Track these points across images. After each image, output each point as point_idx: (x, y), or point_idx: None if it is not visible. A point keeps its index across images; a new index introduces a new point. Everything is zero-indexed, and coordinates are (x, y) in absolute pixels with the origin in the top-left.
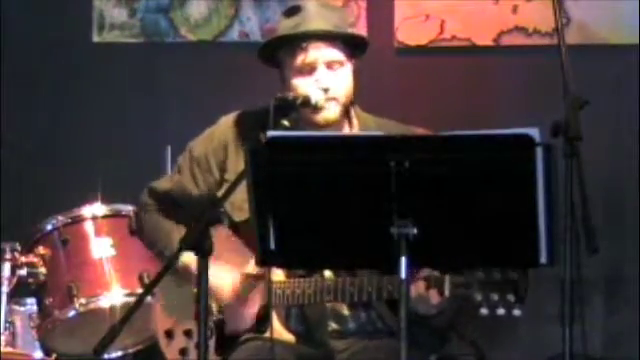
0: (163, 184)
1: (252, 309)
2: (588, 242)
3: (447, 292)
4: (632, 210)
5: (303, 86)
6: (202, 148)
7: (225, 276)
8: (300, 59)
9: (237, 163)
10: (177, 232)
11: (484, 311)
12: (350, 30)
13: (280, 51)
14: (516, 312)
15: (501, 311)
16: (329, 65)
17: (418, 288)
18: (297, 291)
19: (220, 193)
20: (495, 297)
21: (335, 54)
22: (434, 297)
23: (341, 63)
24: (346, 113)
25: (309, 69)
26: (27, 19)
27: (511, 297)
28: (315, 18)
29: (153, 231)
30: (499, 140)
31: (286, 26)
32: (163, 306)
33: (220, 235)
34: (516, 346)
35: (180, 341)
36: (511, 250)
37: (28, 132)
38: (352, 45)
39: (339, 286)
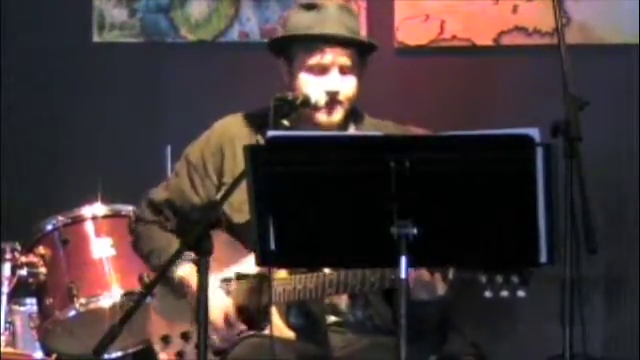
0: (161, 194)
1: (236, 330)
2: (587, 242)
3: (451, 275)
4: (632, 210)
5: (310, 84)
6: (198, 153)
7: (216, 302)
8: (316, 59)
9: (234, 166)
10: (174, 246)
11: (488, 294)
12: (362, 34)
13: (294, 45)
14: (520, 293)
15: (505, 293)
16: (342, 70)
17: (422, 276)
18: (298, 287)
19: (219, 196)
20: (499, 279)
21: (348, 60)
22: (439, 282)
23: (352, 69)
24: (346, 120)
25: (320, 69)
26: (27, 19)
27: (515, 278)
28: (335, 21)
29: (148, 246)
30: (499, 140)
31: (303, 20)
32: (156, 312)
33: (219, 239)
34: (516, 346)
35: (177, 344)
36: (511, 250)
37: (28, 132)
38: (361, 51)
39: (341, 278)
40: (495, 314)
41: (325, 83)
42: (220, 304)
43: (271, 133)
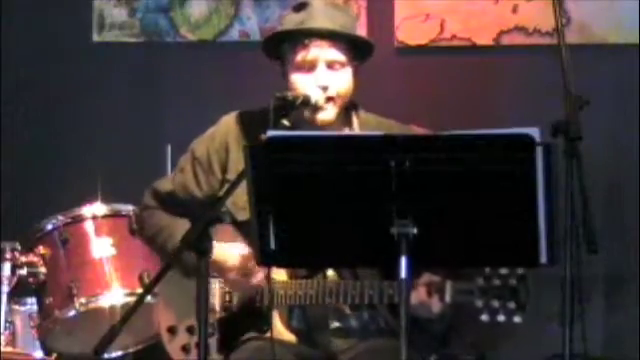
0: (166, 185)
1: (255, 280)
2: (588, 242)
3: (448, 298)
4: (632, 210)
5: (301, 83)
6: (204, 148)
7: (232, 250)
8: (301, 56)
9: (239, 163)
10: (180, 226)
11: (485, 317)
12: (355, 32)
13: (283, 46)
14: (516, 319)
15: (501, 317)
16: (330, 65)
17: (419, 294)
18: (299, 292)
19: (221, 193)
20: (496, 304)
21: (337, 54)
22: (435, 303)
23: (342, 64)
24: (345, 114)
25: (309, 66)
26: (27, 19)
27: (511, 304)
28: (321, 16)
29: (154, 226)
30: (499, 140)
31: (292, 21)
32: (165, 302)
33: (225, 230)
34: (516, 346)
35: (183, 337)
36: (511, 250)
37: (28, 132)
38: (356, 47)
39: (341, 289)
40: None
41: (314, 79)
42: (240, 251)
43: (271, 133)
